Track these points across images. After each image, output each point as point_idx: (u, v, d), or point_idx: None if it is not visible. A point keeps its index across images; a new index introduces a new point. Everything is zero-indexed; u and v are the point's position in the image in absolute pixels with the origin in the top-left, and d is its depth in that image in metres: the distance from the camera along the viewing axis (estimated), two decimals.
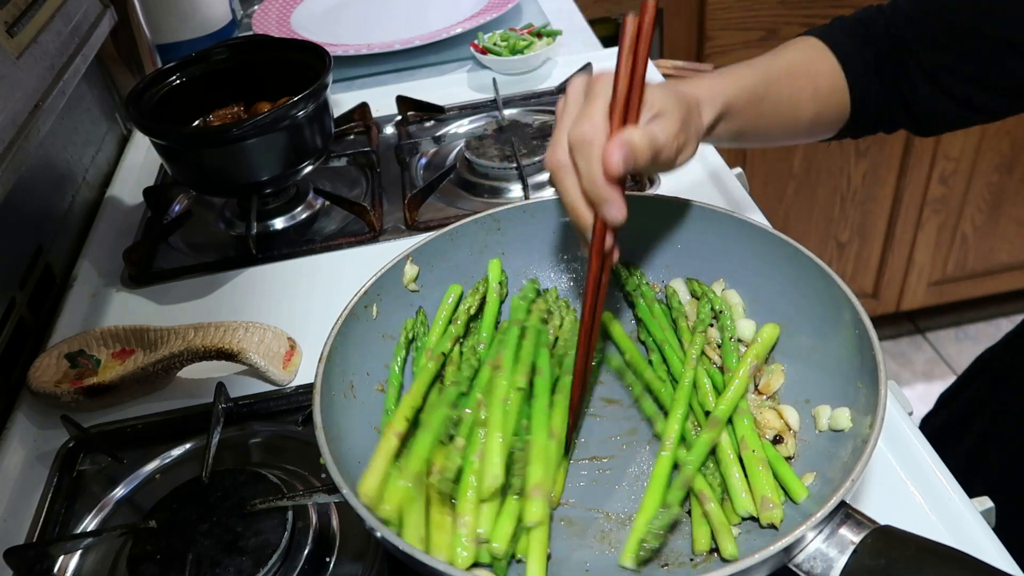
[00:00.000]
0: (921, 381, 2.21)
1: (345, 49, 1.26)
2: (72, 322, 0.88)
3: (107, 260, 0.96)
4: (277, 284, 0.90)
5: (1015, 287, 2.18)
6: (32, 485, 0.70)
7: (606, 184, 0.53)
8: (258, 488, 0.63)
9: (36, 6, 0.79)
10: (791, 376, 0.64)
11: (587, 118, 0.54)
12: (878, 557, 0.46)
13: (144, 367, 0.74)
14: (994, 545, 0.58)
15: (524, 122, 1.05)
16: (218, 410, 0.70)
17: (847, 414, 0.57)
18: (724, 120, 0.66)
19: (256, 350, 0.74)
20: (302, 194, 1.01)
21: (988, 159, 1.91)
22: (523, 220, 0.74)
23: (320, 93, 0.90)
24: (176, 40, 1.23)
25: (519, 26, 1.30)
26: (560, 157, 0.56)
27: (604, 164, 0.52)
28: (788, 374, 0.64)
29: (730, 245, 0.69)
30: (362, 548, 0.61)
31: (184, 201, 1.06)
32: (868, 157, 1.90)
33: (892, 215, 2.00)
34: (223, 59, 1.00)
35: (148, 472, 0.70)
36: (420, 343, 0.68)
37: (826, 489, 0.52)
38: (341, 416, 0.59)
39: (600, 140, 0.53)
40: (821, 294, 0.62)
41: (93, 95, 1.16)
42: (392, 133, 1.14)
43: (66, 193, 1.04)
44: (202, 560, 0.58)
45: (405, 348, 0.68)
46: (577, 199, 0.55)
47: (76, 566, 0.64)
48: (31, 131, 0.71)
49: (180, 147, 0.90)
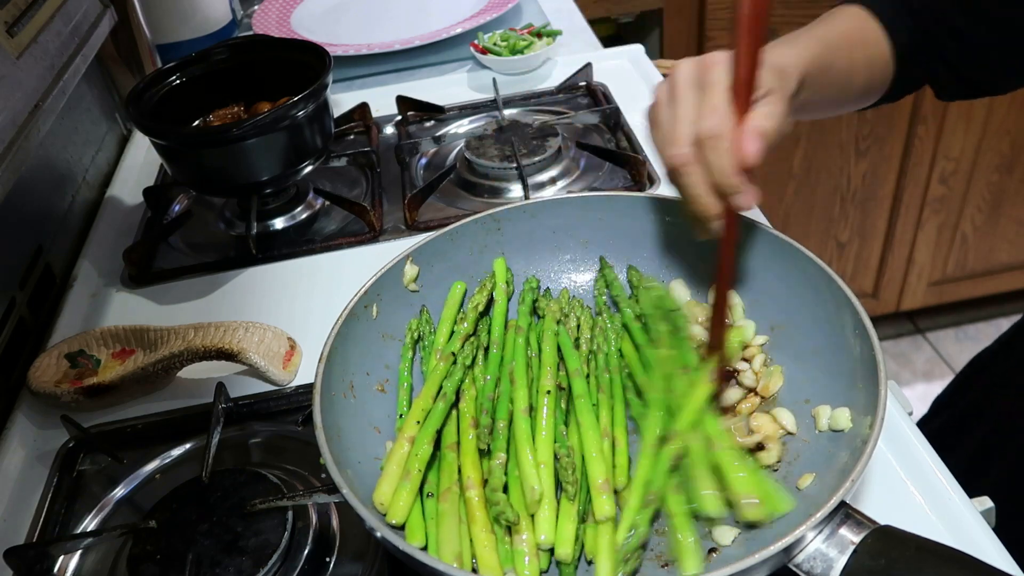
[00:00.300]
0: (921, 381, 2.21)
1: (345, 49, 1.26)
2: (72, 322, 0.88)
3: (107, 260, 0.96)
4: (277, 284, 0.90)
5: (1015, 287, 2.18)
6: (32, 485, 0.70)
7: (739, 174, 0.52)
8: (258, 488, 0.63)
9: (36, 6, 0.79)
10: (791, 376, 0.64)
11: (712, 111, 0.53)
12: (878, 557, 0.46)
13: (144, 367, 0.74)
14: (994, 545, 0.58)
15: (524, 122, 1.05)
16: (218, 410, 0.70)
17: (847, 414, 0.57)
18: (802, 90, 0.64)
19: (256, 350, 0.74)
20: (302, 194, 1.01)
21: (988, 159, 1.91)
22: (523, 220, 0.74)
23: (320, 93, 0.90)
24: (176, 40, 1.23)
25: (519, 26, 1.30)
26: (685, 152, 0.54)
27: (741, 156, 0.52)
28: (788, 374, 0.64)
29: None
30: (362, 548, 0.61)
31: (184, 201, 1.06)
32: (868, 157, 1.90)
33: (892, 215, 2.00)
34: (223, 59, 1.00)
35: (148, 472, 0.70)
36: (427, 342, 0.68)
37: (826, 489, 0.52)
38: (341, 416, 0.59)
39: (728, 131, 0.52)
40: (821, 294, 0.62)
41: (93, 95, 1.16)
42: (392, 133, 1.14)
43: (66, 193, 1.04)
44: (202, 560, 0.58)
45: (412, 348, 0.68)
46: (705, 191, 0.54)
47: (76, 566, 0.63)
48: (31, 131, 0.71)
49: (180, 147, 0.90)
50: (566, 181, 0.99)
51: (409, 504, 0.55)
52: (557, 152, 1.00)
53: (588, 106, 1.13)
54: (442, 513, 0.55)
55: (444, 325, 0.69)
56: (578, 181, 0.99)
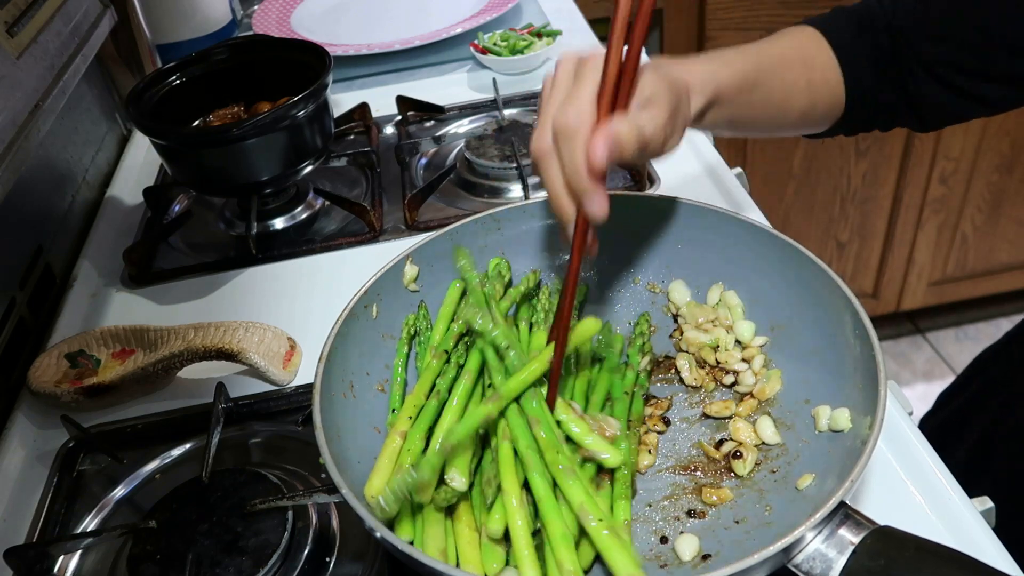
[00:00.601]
0: (921, 381, 2.21)
1: (345, 49, 1.26)
2: (72, 322, 0.88)
3: (107, 260, 0.96)
4: (277, 284, 0.90)
5: (1015, 287, 2.18)
6: (32, 485, 0.70)
7: (588, 177, 0.50)
8: (258, 488, 0.63)
9: (36, 6, 0.79)
10: (791, 376, 0.64)
11: (573, 103, 0.51)
12: (877, 558, 0.46)
13: (144, 367, 0.74)
14: (994, 545, 0.58)
15: (524, 122, 1.05)
16: (218, 410, 0.70)
17: (847, 414, 0.57)
18: (713, 108, 0.63)
19: (256, 350, 0.74)
20: (302, 194, 1.01)
21: (988, 159, 1.90)
22: (523, 220, 0.74)
23: (320, 93, 0.90)
24: (176, 40, 1.23)
25: (519, 26, 1.30)
26: (544, 143, 0.53)
27: (588, 157, 0.50)
28: (788, 374, 0.64)
29: (730, 245, 0.69)
30: (362, 548, 0.61)
31: (184, 201, 1.06)
32: (868, 157, 1.90)
33: (892, 215, 2.00)
34: (223, 59, 1.00)
35: (148, 472, 0.70)
36: (423, 338, 0.68)
37: (825, 489, 0.52)
38: (341, 416, 0.59)
39: (586, 128, 0.50)
40: (821, 295, 0.62)
41: (93, 95, 1.16)
42: (392, 133, 1.14)
43: (66, 193, 1.04)
44: (202, 560, 0.58)
45: (408, 344, 0.68)
46: (560, 189, 0.53)
47: (76, 566, 0.64)
48: (31, 131, 0.71)
49: (180, 147, 0.90)
50: None
51: None
52: None
53: None
54: (428, 508, 0.55)
55: (441, 323, 0.69)
56: None
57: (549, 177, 0.53)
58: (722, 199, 0.92)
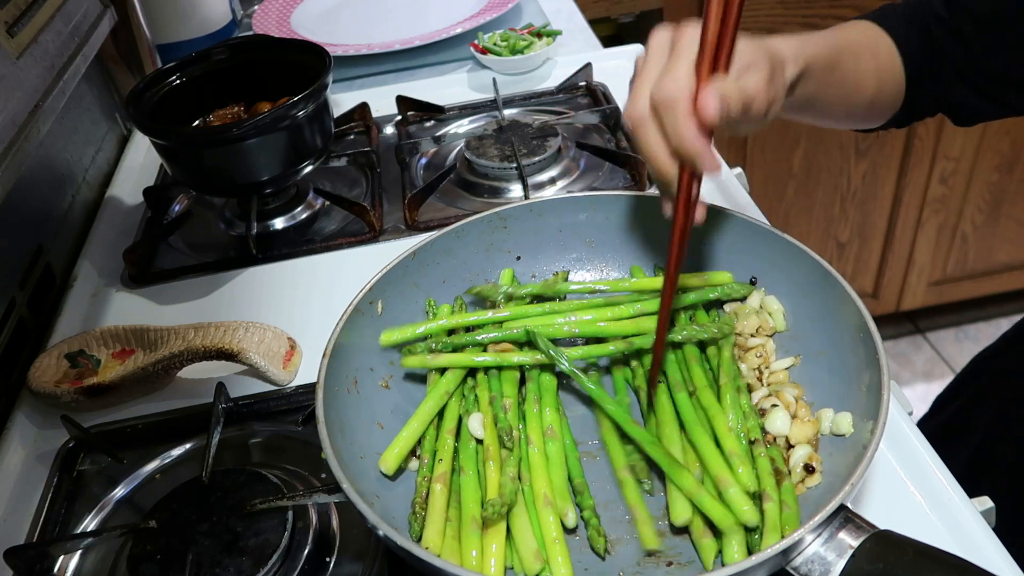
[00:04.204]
0: (921, 381, 2.21)
1: (345, 49, 1.26)
2: (72, 322, 0.88)
3: (107, 260, 0.96)
4: (277, 284, 0.90)
5: (1015, 287, 2.18)
6: (32, 485, 0.70)
7: (698, 137, 0.51)
8: (258, 488, 0.63)
9: (36, 6, 0.79)
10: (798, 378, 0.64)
11: (671, 76, 0.52)
12: (876, 561, 0.46)
13: (144, 367, 0.74)
14: (994, 545, 0.58)
15: (524, 122, 1.05)
16: (218, 410, 0.70)
17: (849, 419, 0.57)
18: (802, 81, 0.64)
19: (256, 350, 0.74)
20: (302, 194, 1.01)
21: (988, 159, 1.90)
22: (529, 219, 0.74)
23: (320, 93, 0.90)
24: (176, 40, 1.23)
25: (519, 26, 1.30)
26: (641, 110, 0.54)
27: (699, 112, 0.50)
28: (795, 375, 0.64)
29: (736, 246, 0.69)
30: (362, 548, 0.61)
31: (184, 201, 1.06)
32: (868, 157, 1.90)
33: (892, 215, 2.00)
34: (223, 59, 1.00)
35: (148, 472, 0.70)
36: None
37: (825, 492, 0.52)
38: (344, 411, 0.59)
39: (686, 99, 0.51)
40: (826, 296, 0.62)
41: (93, 95, 1.16)
42: (392, 133, 1.14)
43: (66, 193, 1.04)
44: (202, 560, 0.58)
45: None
46: (660, 151, 0.54)
47: (76, 566, 0.64)
48: (31, 131, 0.71)
49: (180, 147, 0.90)
50: (566, 181, 0.99)
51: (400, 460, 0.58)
52: (557, 152, 1.00)
53: (588, 106, 1.13)
54: (429, 508, 0.56)
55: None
56: (578, 181, 0.99)
57: (647, 141, 0.54)
58: (722, 199, 0.92)
